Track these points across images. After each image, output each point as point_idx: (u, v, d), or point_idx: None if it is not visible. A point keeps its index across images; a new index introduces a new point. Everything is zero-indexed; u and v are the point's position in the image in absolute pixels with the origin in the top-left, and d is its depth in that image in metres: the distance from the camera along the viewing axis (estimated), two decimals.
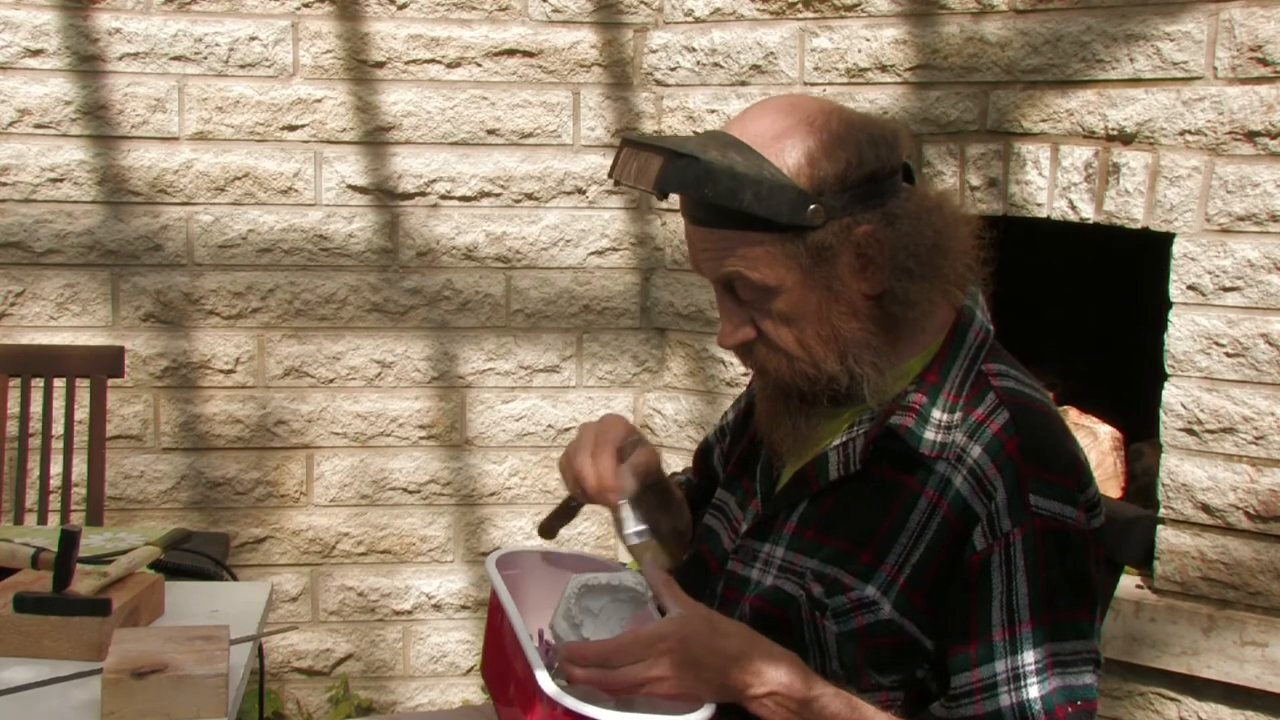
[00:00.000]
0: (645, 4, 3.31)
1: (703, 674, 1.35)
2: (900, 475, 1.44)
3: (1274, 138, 2.57)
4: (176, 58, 3.19)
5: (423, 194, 3.31)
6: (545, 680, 1.33)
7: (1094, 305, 3.34)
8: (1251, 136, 2.59)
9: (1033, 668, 1.36)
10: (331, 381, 3.33)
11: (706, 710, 1.34)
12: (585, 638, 1.40)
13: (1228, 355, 2.64)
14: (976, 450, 1.40)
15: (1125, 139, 2.74)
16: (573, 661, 1.36)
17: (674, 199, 1.45)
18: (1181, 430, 2.69)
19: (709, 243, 1.45)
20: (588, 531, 3.43)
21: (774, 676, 1.36)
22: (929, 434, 1.43)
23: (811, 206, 1.40)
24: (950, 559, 1.40)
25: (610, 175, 1.51)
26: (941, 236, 1.46)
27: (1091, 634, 1.41)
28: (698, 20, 3.23)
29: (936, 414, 1.44)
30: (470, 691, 3.45)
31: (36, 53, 3.14)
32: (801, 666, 1.39)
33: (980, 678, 1.37)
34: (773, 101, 1.50)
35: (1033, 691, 1.36)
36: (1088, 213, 2.80)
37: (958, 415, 1.43)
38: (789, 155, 1.40)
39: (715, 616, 1.41)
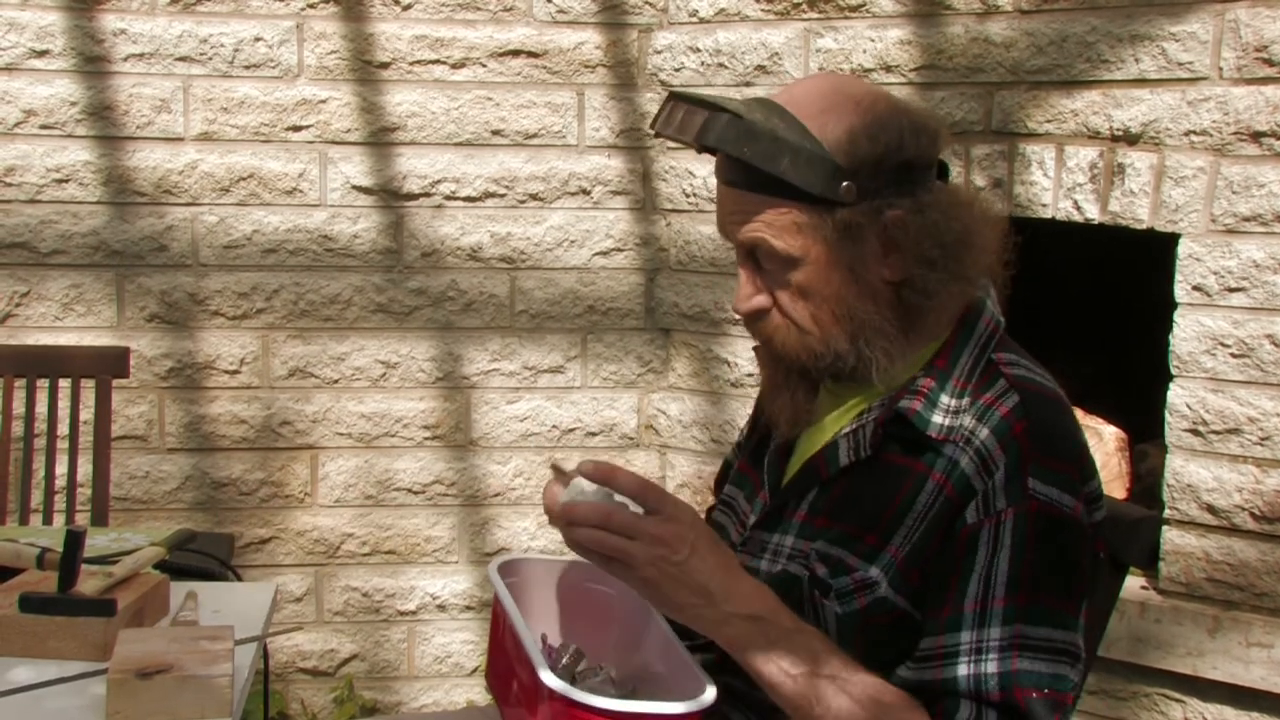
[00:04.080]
0: (650, 4, 3.31)
1: (690, 568, 1.37)
2: (909, 459, 1.44)
3: None
4: (181, 58, 3.19)
5: (427, 194, 3.31)
6: (549, 676, 1.34)
7: (1098, 306, 3.33)
8: (1257, 137, 2.59)
9: (996, 644, 1.36)
10: (336, 382, 3.33)
11: (707, 697, 1.36)
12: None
13: (1233, 356, 2.63)
14: (984, 432, 1.40)
15: (1130, 139, 2.74)
16: (598, 476, 1.39)
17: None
18: (1186, 431, 2.69)
19: (738, 205, 1.46)
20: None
21: (759, 599, 1.40)
22: (937, 417, 1.43)
23: (845, 183, 1.41)
24: (945, 533, 1.40)
25: (652, 127, 1.52)
26: (968, 232, 1.46)
27: (1073, 627, 1.40)
28: (702, 21, 3.23)
29: (945, 399, 1.44)
30: (475, 692, 3.45)
31: (42, 53, 3.14)
32: (782, 602, 1.42)
33: (944, 644, 1.38)
34: (823, 77, 1.53)
35: (991, 666, 1.35)
36: (1093, 213, 2.79)
37: (966, 400, 1.44)
38: (831, 130, 1.41)
39: (723, 543, 1.45)
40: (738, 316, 1.53)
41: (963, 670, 1.36)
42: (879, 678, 1.40)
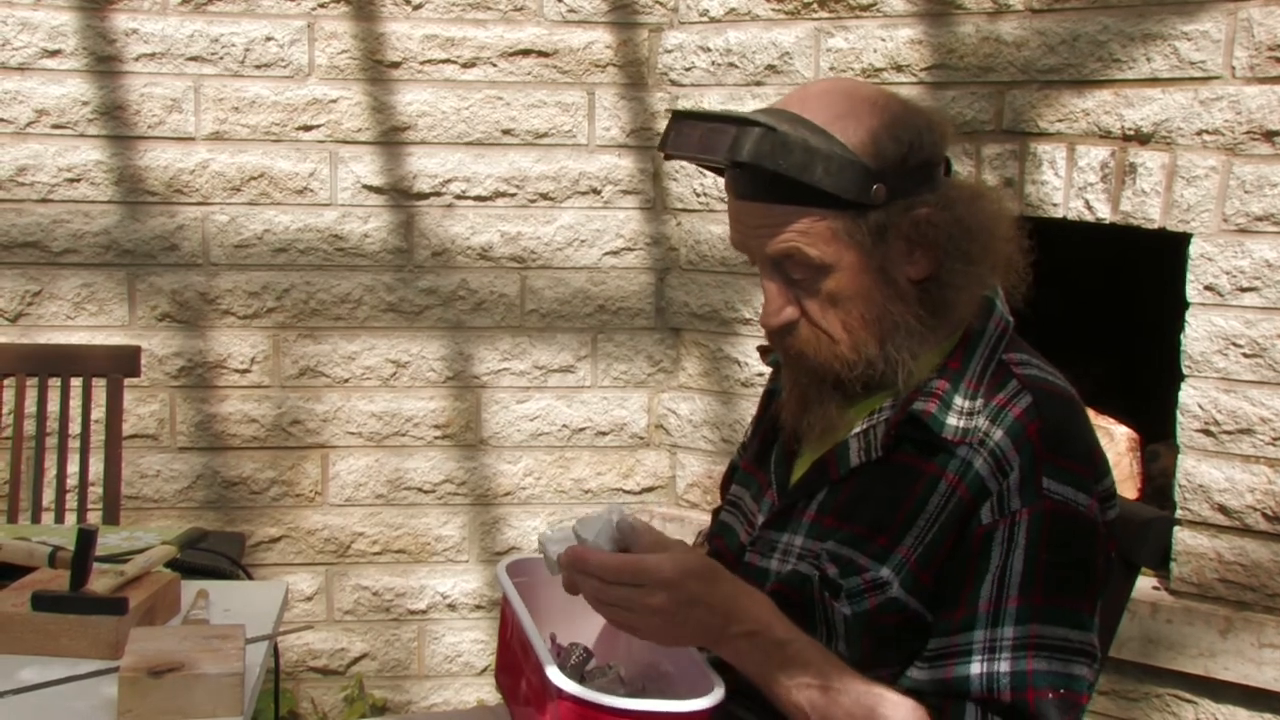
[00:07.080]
0: (660, 4, 3.30)
1: (691, 614, 1.37)
2: (921, 461, 1.44)
3: None
4: (193, 58, 3.20)
5: (438, 194, 3.31)
6: (556, 674, 1.34)
7: (1109, 305, 3.32)
8: (1270, 136, 2.58)
9: (1010, 643, 1.35)
10: (347, 381, 3.34)
11: (716, 695, 1.36)
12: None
13: (1245, 356, 2.62)
14: (998, 433, 1.40)
15: (1142, 139, 2.73)
16: (576, 566, 1.38)
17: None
18: (1198, 431, 2.68)
19: (766, 218, 1.43)
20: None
21: (755, 614, 1.39)
22: (951, 419, 1.43)
23: (875, 185, 1.40)
24: (959, 535, 1.40)
25: (661, 148, 1.50)
26: (991, 222, 1.47)
27: (1089, 626, 1.40)
28: (713, 20, 3.23)
29: (958, 400, 1.44)
30: (485, 691, 3.46)
31: (54, 53, 3.15)
32: (778, 610, 1.41)
33: (957, 643, 1.37)
34: (827, 82, 1.51)
35: (1004, 665, 1.35)
36: (1104, 213, 2.79)
37: (979, 402, 1.44)
38: (854, 133, 1.40)
39: (712, 565, 1.42)
40: (764, 330, 1.51)
41: (975, 669, 1.36)
42: (878, 684, 1.40)
